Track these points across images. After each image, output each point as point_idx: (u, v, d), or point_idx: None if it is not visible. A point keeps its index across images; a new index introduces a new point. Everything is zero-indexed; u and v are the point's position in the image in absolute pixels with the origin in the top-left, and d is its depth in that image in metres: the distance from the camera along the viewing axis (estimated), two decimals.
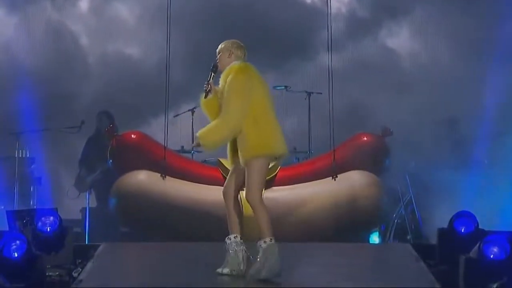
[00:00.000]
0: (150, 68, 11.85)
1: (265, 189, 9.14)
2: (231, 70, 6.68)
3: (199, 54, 10.94)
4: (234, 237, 6.64)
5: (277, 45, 11.82)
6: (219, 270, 6.67)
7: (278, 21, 11.87)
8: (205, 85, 6.79)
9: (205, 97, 6.78)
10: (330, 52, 9.76)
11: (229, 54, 6.78)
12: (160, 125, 10.17)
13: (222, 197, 6.81)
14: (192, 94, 11.35)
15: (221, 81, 6.76)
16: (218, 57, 6.86)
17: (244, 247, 6.65)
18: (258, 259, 6.48)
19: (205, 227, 8.78)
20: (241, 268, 6.62)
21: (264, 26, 11.63)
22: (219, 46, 6.89)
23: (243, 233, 6.72)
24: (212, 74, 6.82)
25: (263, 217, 6.55)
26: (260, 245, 6.47)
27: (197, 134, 6.67)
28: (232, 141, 6.67)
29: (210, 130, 6.60)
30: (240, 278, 6.56)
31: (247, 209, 6.73)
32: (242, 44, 6.85)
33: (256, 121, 6.54)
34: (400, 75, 11.66)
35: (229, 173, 6.84)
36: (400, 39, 12.38)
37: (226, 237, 6.68)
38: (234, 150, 6.66)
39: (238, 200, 6.78)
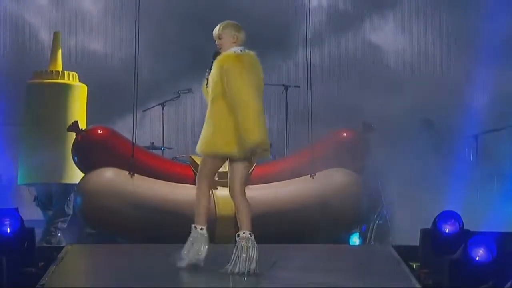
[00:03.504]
0: (116, 64, 11.79)
1: None
2: (228, 57, 6.71)
3: (168, 48, 10.93)
4: (243, 233, 6.74)
5: (253, 39, 11.80)
6: (230, 270, 6.68)
7: (254, 14, 11.85)
8: (206, 73, 6.87)
9: (207, 85, 6.87)
10: (309, 46, 9.74)
11: (233, 39, 6.83)
12: (127, 122, 10.13)
13: (193, 196, 6.95)
14: (161, 89, 11.34)
15: (214, 69, 6.78)
16: (219, 42, 6.86)
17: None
18: (234, 253, 6.65)
19: (176, 227, 8.73)
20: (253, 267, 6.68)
21: (239, 19, 11.57)
22: (217, 30, 6.89)
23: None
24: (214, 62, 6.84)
25: (244, 209, 6.77)
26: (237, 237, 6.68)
27: (247, 141, 6.63)
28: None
29: (247, 130, 6.59)
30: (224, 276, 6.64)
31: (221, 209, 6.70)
32: (240, 25, 6.92)
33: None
34: (384, 72, 11.71)
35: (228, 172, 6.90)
36: (384, 34, 12.42)
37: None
38: None
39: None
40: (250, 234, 6.69)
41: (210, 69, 6.86)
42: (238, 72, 6.65)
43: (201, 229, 6.89)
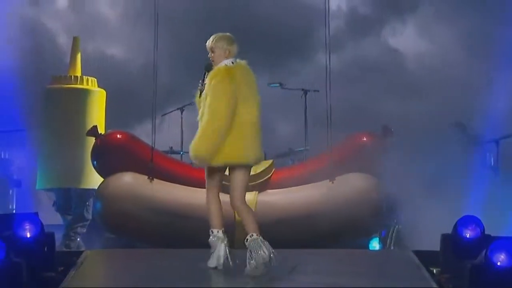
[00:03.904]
0: (135, 69, 11.83)
1: (259, 193, 9.27)
2: (218, 72, 6.89)
3: (188, 54, 10.95)
4: (251, 236, 6.83)
5: (272, 44, 11.82)
6: (249, 272, 6.76)
7: (274, 19, 11.86)
8: (199, 84, 7.05)
9: (200, 96, 7.04)
10: (328, 50, 9.73)
11: (225, 53, 7.00)
12: (145, 127, 10.14)
13: None
14: (179, 95, 11.36)
15: (207, 81, 6.97)
16: (212, 55, 7.06)
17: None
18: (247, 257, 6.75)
19: (195, 232, 8.74)
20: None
21: (259, 24, 11.63)
22: (210, 42, 7.07)
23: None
24: (206, 73, 7.02)
25: (248, 215, 6.89)
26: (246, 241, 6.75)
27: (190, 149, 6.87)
28: None
29: (199, 139, 6.83)
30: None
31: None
32: (233, 37, 7.06)
33: (238, 126, 6.80)
34: (404, 75, 11.66)
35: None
36: (404, 38, 12.37)
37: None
38: None
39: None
40: (257, 235, 6.78)
41: (203, 80, 7.04)
42: (222, 89, 6.80)
43: (218, 232, 6.98)
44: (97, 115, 10.38)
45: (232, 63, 6.97)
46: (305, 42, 12.09)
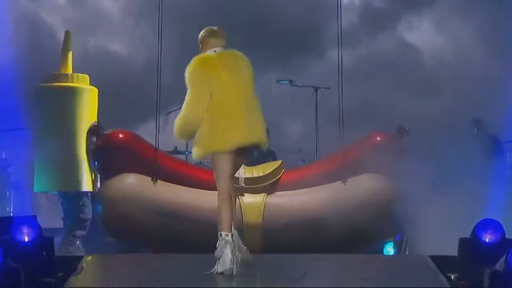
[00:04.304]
0: (138, 66, 11.83)
1: (267, 195, 9.26)
2: (190, 63, 7.21)
3: (193, 50, 10.93)
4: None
5: (281, 39, 11.82)
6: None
7: (283, 13, 11.86)
8: None
9: None
10: (340, 46, 9.72)
11: (203, 46, 7.32)
12: (149, 126, 10.13)
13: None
14: (184, 93, 11.33)
15: None
16: (200, 49, 7.38)
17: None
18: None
19: (201, 236, 8.76)
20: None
21: (267, 18, 11.63)
22: (199, 37, 7.39)
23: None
24: None
25: (227, 210, 7.00)
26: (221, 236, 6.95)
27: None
28: None
29: (175, 123, 7.22)
30: None
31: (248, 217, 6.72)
32: (214, 29, 7.31)
33: (212, 115, 7.00)
34: (420, 72, 11.65)
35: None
36: (421, 33, 12.35)
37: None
38: None
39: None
40: (226, 234, 6.95)
41: None
42: (192, 79, 7.14)
43: (226, 235, 7.02)
44: (87, 114, 10.35)
45: (215, 51, 7.20)
46: (316, 37, 12.10)
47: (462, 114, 10.55)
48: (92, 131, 9.74)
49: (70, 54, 10.61)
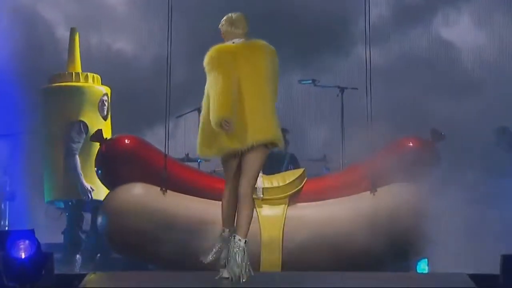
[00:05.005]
0: (145, 65, 11.85)
1: (288, 206, 9.24)
2: (206, 58, 7.41)
3: (206, 47, 10.94)
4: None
5: (304, 35, 11.84)
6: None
7: (305, 7, 11.86)
8: None
9: None
10: (368, 43, 9.70)
11: (223, 36, 7.47)
12: (158, 131, 10.12)
13: None
14: (197, 94, 11.33)
15: None
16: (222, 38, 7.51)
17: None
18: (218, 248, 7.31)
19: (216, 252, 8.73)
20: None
21: (288, 12, 11.64)
22: (220, 26, 7.55)
23: None
24: None
25: (249, 215, 7.15)
26: (234, 239, 7.08)
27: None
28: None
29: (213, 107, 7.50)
30: None
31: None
32: (233, 18, 7.42)
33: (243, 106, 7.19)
34: (458, 71, 11.68)
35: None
36: (459, 29, 12.34)
37: None
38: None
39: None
40: (245, 241, 7.05)
41: None
42: (210, 61, 7.34)
43: (224, 231, 7.43)
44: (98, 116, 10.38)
45: (233, 43, 7.33)
46: (342, 33, 12.10)
47: (503, 118, 10.52)
48: (95, 136, 9.71)
49: (78, 51, 10.67)
